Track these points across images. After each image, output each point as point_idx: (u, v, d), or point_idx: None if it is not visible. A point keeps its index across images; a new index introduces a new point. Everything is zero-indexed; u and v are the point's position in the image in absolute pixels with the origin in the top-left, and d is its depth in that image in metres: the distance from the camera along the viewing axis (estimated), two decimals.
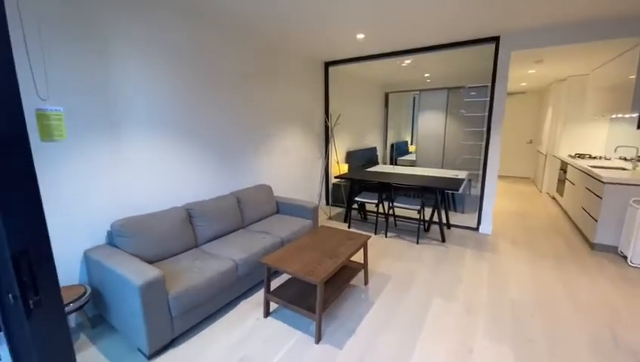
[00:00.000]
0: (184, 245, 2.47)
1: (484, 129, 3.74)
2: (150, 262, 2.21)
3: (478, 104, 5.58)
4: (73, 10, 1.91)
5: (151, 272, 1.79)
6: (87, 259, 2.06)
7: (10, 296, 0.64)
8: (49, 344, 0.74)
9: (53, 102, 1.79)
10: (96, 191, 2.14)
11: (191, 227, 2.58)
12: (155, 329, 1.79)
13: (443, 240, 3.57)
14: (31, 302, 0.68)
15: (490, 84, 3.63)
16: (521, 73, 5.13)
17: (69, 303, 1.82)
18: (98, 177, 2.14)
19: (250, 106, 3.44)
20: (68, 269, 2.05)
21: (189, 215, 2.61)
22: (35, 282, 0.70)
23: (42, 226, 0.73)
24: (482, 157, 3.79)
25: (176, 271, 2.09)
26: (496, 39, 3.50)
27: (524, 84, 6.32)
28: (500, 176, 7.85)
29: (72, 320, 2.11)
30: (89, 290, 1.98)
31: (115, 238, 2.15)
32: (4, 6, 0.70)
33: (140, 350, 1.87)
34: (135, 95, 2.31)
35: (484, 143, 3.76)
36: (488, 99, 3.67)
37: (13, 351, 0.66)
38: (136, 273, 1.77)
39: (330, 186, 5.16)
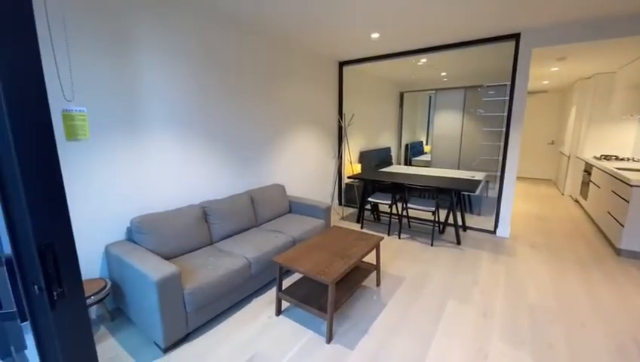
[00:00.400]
0: (199, 242, 2.53)
1: (503, 129, 3.63)
2: (166, 258, 2.27)
3: (497, 103, 5.42)
4: (96, 12, 1.99)
5: (167, 268, 1.84)
6: (108, 253, 2.14)
7: (35, 287, 0.68)
8: (71, 334, 0.77)
9: (77, 102, 1.88)
10: (116, 188, 2.22)
11: (206, 225, 2.63)
12: (170, 324, 1.83)
13: (458, 242, 3.49)
14: (55, 293, 0.71)
15: (509, 83, 3.52)
16: (543, 71, 4.95)
17: (90, 296, 1.89)
18: (119, 175, 2.22)
19: (265, 106, 3.48)
20: (90, 263, 2.14)
21: (205, 213, 2.67)
22: (59, 274, 0.73)
23: (66, 222, 0.77)
24: (500, 158, 3.68)
25: (191, 268, 2.14)
26: (516, 36, 3.39)
27: (546, 82, 6.09)
28: (520, 178, 7.61)
29: (93, 312, 2.20)
30: (109, 284, 2.06)
31: (134, 234, 2.22)
32: (32, 10, 0.73)
33: (155, 343, 1.92)
34: (154, 95, 2.38)
35: (502, 144, 3.65)
36: (507, 98, 3.56)
37: (38, 340, 0.69)
38: (153, 269, 1.83)
39: (343, 186, 5.14)
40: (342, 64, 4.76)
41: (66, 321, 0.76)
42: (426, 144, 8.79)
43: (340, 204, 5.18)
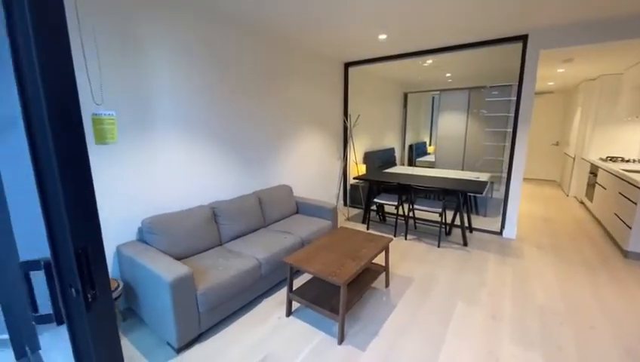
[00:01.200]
0: (209, 243, 2.54)
1: (508, 130, 3.64)
2: (178, 258, 2.28)
3: (502, 104, 5.42)
4: (111, 15, 2.00)
5: (181, 269, 1.85)
6: (120, 254, 2.16)
7: (73, 289, 0.69)
8: (102, 334, 0.79)
9: (105, 106, 1.89)
10: (127, 189, 2.23)
11: (215, 225, 2.65)
12: (183, 324, 1.85)
13: (465, 243, 3.49)
14: (89, 295, 0.72)
15: (514, 83, 3.53)
16: (549, 72, 4.94)
17: None
18: (130, 176, 2.23)
19: (272, 108, 3.49)
20: None
21: (214, 213, 2.68)
22: (92, 277, 0.74)
23: (98, 225, 0.78)
24: (506, 159, 3.69)
25: (202, 268, 2.15)
26: (524, 38, 3.39)
27: (551, 83, 6.09)
28: (524, 179, 7.58)
29: None
30: (121, 284, 2.07)
31: (145, 235, 2.24)
32: (65, 15, 0.74)
33: (169, 343, 1.93)
34: (164, 98, 2.39)
35: (509, 145, 3.65)
36: (514, 98, 3.56)
37: (74, 341, 0.71)
38: (166, 269, 1.84)
39: (348, 187, 5.15)
40: (347, 65, 4.76)
41: (98, 322, 0.77)
42: (429, 145, 8.80)
43: (345, 204, 5.19)
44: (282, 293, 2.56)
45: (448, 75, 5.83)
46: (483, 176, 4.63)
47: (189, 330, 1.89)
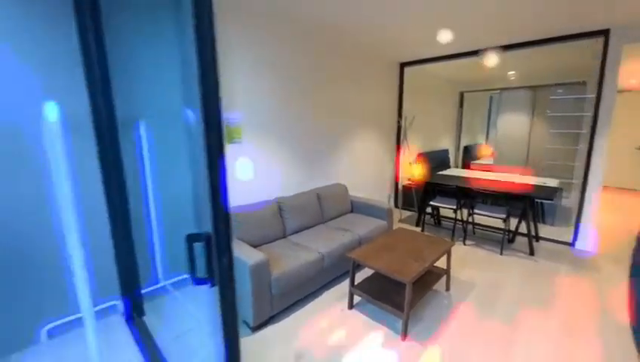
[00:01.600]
0: (275, 234, 2.75)
1: (582, 131, 3.34)
2: (252, 246, 2.51)
3: (572, 103, 4.94)
4: None
5: (258, 255, 2.06)
6: None
7: (225, 260, 0.86)
8: (234, 296, 0.96)
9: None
10: None
11: (281, 219, 2.85)
12: (259, 305, 2.05)
13: (531, 253, 3.29)
14: (232, 264, 0.89)
15: (586, 81, 3.23)
16: (632, 68, 4.42)
17: None
18: None
19: (330, 109, 3.63)
20: None
21: (280, 208, 2.88)
22: (230, 249, 0.92)
23: (228, 207, 0.95)
24: (580, 163, 3.39)
25: (273, 256, 2.34)
26: (605, 32, 3.11)
27: (633, 81, 5.42)
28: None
29: None
30: None
31: None
32: (214, 31, 0.92)
33: (245, 322, 2.15)
34: (241, 102, 2.65)
35: (582, 148, 3.36)
36: (589, 96, 3.26)
37: (223, 300, 0.89)
38: (247, 255, 2.06)
39: (400, 188, 5.11)
40: (403, 65, 4.74)
41: (233, 286, 0.94)
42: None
43: (397, 206, 5.16)
44: (341, 287, 2.67)
45: (511, 72, 5.49)
46: (550, 182, 4.29)
47: (263, 311, 2.09)
